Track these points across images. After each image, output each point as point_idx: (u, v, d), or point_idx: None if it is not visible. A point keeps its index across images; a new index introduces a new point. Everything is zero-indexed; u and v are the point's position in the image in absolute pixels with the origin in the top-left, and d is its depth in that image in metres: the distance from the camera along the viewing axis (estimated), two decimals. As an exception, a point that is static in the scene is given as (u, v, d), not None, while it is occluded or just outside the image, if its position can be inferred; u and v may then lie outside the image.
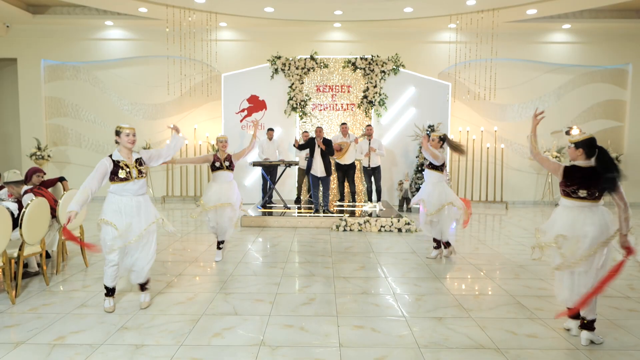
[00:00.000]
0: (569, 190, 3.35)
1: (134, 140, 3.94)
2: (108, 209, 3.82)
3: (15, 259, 4.17)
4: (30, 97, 11.17)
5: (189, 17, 10.04)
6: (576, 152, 3.36)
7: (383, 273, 5.11)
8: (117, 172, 3.82)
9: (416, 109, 10.59)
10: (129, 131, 3.90)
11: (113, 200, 3.83)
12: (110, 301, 3.89)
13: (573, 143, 3.38)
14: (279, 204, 9.25)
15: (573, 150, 3.38)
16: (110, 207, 3.81)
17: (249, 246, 6.47)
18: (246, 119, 10.67)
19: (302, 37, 11.08)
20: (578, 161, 3.37)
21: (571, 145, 3.40)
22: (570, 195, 3.35)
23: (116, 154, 3.90)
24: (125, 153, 3.92)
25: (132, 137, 3.92)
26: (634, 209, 10.70)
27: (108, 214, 3.80)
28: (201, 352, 3.12)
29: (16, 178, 4.86)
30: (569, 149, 3.44)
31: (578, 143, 3.34)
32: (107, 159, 3.85)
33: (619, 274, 3.21)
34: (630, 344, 3.30)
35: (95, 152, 11.34)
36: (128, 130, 3.90)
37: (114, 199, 3.83)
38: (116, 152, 3.91)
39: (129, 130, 3.91)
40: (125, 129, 3.90)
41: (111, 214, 3.79)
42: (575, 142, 3.35)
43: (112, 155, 3.88)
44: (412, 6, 9.58)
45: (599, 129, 11.31)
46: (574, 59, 11.20)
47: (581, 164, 3.35)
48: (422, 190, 5.65)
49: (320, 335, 3.41)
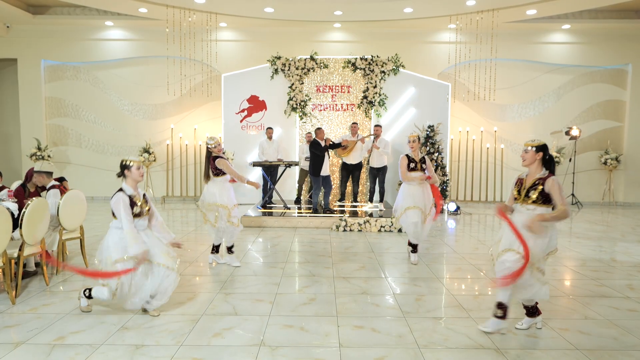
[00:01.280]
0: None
1: (144, 173, 3.85)
2: (118, 247, 3.63)
3: (16, 259, 4.17)
4: (31, 97, 11.17)
5: (189, 17, 10.05)
6: (536, 155, 3.42)
7: (383, 273, 5.11)
8: (132, 207, 3.69)
9: (416, 109, 10.59)
10: (139, 164, 3.78)
11: (122, 237, 3.64)
12: (88, 301, 3.84)
13: (533, 146, 3.43)
14: (279, 204, 9.25)
15: (532, 154, 3.42)
16: (120, 245, 3.63)
17: (249, 246, 6.47)
18: (246, 119, 10.68)
19: (302, 38, 11.09)
20: (534, 168, 3.43)
21: (530, 149, 3.43)
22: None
23: (127, 188, 3.75)
24: (134, 187, 3.80)
25: (142, 170, 3.80)
26: (634, 209, 10.71)
27: (119, 252, 3.61)
28: (201, 352, 3.13)
29: (50, 169, 5.07)
30: (525, 153, 3.46)
31: (539, 146, 3.42)
32: (122, 193, 3.69)
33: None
34: (630, 343, 3.31)
35: (96, 152, 11.34)
36: (138, 164, 3.77)
37: (122, 235, 3.65)
38: (125, 186, 3.76)
39: (139, 163, 3.79)
40: (135, 162, 3.76)
41: (121, 252, 3.61)
42: (537, 146, 3.43)
43: (123, 189, 3.74)
44: (412, 6, 9.59)
45: (598, 129, 11.32)
46: (573, 59, 11.20)
47: (542, 171, 3.42)
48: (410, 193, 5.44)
49: (320, 335, 3.41)
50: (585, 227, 8.25)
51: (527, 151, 3.45)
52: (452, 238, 7.25)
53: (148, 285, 3.68)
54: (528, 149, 3.44)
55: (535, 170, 3.44)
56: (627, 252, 6.28)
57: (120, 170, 3.80)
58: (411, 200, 5.37)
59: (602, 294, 4.43)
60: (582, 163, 11.28)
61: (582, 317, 3.81)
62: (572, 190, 10.99)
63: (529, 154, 3.43)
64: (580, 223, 8.68)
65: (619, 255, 6.11)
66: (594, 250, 6.37)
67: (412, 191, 5.41)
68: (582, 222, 8.75)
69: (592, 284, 4.76)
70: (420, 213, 5.37)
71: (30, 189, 5.23)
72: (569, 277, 5.06)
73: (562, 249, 6.37)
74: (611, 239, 7.23)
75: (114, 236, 3.68)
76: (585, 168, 11.34)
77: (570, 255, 6.08)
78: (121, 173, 3.81)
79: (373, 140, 9.05)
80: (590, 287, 4.65)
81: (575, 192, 11.06)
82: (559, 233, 7.52)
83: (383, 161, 9.05)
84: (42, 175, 5.09)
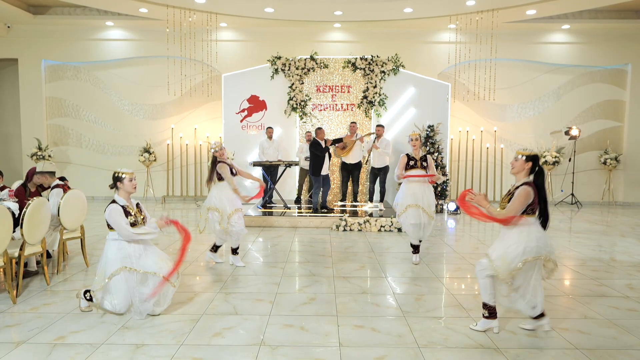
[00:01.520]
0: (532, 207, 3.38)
1: (136, 184, 3.84)
2: (116, 258, 3.62)
3: (16, 258, 4.18)
4: (31, 97, 11.18)
5: (189, 17, 10.05)
6: (525, 164, 3.40)
7: (383, 273, 5.12)
8: (127, 217, 3.69)
9: (416, 109, 10.60)
10: (132, 176, 3.78)
11: (120, 247, 3.65)
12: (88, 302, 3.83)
13: (524, 155, 3.40)
14: (279, 204, 9.26)
15: (522, 163, 3.40)
16: (119, 255, 3.63)
17: (249, 246, 6.48)
18: (246, 119, 10.69)
19: (302, 38, 11.09)
20: (521, 178, 3.42)
21: (520, 157, 3.41)
22: (533, 212, 3.40)
23: (119, 199, 3.75)
24: (127, 198, 3.80)
25: (135, 182, 3.81)
26: (634, 209, 10.71)
27: (117, 263, 3.61)
28: (201, 352, 3.13)
29: (52, 168, 5.14)
30: (515, 160, 3.43)
31: (530, 156, 3.40)
32: (115, 204, 3.69)
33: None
34: (630, 343, 3.31)
35: (96, 152, 11.35)
36: (130, 175, 3.77)
37: (120, 246, 3.65)
38: (118, 198, 3.76)
39: (131, 175, 3.78)
40: (127, 174, 3.76)
41: (121, 262, 3.62)
42: (527, 155, 3.40)
43: (115, 201, 3.73)
44: (411, 6, 9.59)
45: (598, 129, 11.33)
46: (573, 59, 11.21)
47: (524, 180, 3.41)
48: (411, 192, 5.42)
49: (320, 335, 3.42)
50: (584, 226, 8.26)
51: (517, 159, 3.42)
52: (452, 238, 7.26)
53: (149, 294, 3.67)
54: (518, 157, 3.42)
55: (520, 179, 3.42)
56: (627, 251, 6.29)
57: (113, 182, 3.79)
58: (412, 199, 5.37)
59: (601, 293, 4.44)
60: (581, 163, 11.29)
61: (582, 316, 3.82)
62: (571, 190, 11.00)
63: (519, 162, 3.41)
64: (579, 223, 8.69)
65: (618, 254, 6.12)
66: (593, 249, 6.37)
67: (413, 190, 5.41)
68: (582, 222, 8.75)
69: (592, 283, 4.77)
70: (420, 212, 5.35)
71: (31, 188, 5.24)
72: (568, 277, 5.06)
73: (562, 249, 6.38)
74: (611, 238, 7.23)
75: (112, 248, 3.68)
76: (585, 168, 11.35)
77: (570, 255, 6.08)
78: (113, 185, 3.79)
79: (374, 140, 9.05)
80: (589, 286, 4.66)
81: (574, 191, 11.07)
82: (559, 232, 7.53)
83: (385, 161, 9.05)
84: (45, 175, 5.12)
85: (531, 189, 3.31)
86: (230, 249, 5.45)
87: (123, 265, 3.61)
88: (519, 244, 3.29)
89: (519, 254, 3.27)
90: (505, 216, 3.31)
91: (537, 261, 3.32)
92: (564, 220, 8.98)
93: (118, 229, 3.63)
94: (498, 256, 3.34)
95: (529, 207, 3.31)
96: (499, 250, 3.37)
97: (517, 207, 3.28)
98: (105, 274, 3.63)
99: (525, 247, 3.27)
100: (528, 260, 3.27)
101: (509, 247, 3.32)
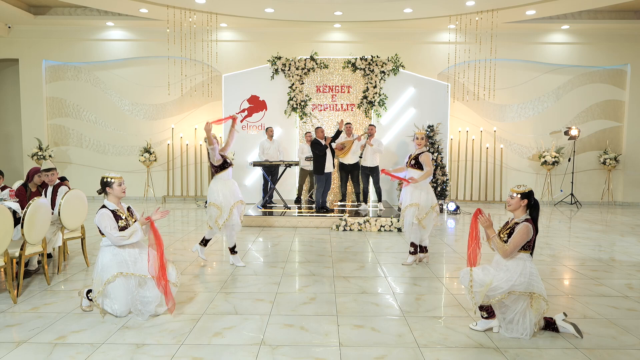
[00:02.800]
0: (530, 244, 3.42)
1: (125, 189, 3.82)
2: (112, 264, 3.60)
3: (17, 258, 4.19)
4: (32, 97, 11.20)
5: (190, 17, 10.06)
6: (521, 202, 3.45)
7: (383, 273, 5.13)
8: (118, 221, 3.67)
9: (416, 109, 10.61)
10: (121, 180, 3.76)
11: (115, 253, 3.64)
12: (90, 302, 3.84)
13: (519, 194, 3.44)
14: (280, 204, 9.27)
15: (518, 201, 3.44)
16: (115, 260, 3.61)
17: (250, 246, 6.49)
18: (246, 119, 10.70)
19: (302, 38, 11.11)
20: (519, 214, 3.47)
21: (515, 196, 3.45)
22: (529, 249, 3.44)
23: (109, 204, 3.74)
24: (117, 203, 3.78)
25: (124, 186, 3.78)
26: (633, 209, 10.73)
27: (113, 268, 3.59)
28: (201, 352, 3.14)
29: (52, 165, 5.25)
30: (511, 199, 3.48)
31: (524, 194, 3.44)
32: (105, 209, 3.67)
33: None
34: (629, 343, 3.32)
35: (96, 152, 11.36)
36: (119, 180, 3.75)
37: (114, 252, 3.64)
38: (108, 202, 3.74)
39: (120, 179, 3.76)
40: (116, 178, 3.74)
41: (117, 268, 3.59)
42: (522, 193, 3.44)
43: (105, 206, 3.72)
44: (411, 7, 9.60)
45: (597, 129, 11.34)
46: (572, 59, 11.22)
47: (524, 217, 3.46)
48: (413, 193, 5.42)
49: (320, 335, 3.43)
50: (584, 226, 8.27)
51: (512, 197, 3.48)
52: (451, 238, 7.27)
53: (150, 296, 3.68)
54: (514, 195, 3.47)
55: (518, 215, 3.49)
56: (626, 251, 6.30)
57: (102, 187, 3.77)
58: (409, 198, 5.39)
59: (601, 293, 4.45)
60: (581, 163, 11.30)
61: (582, 316, 3.83)
62: (571, 190, 11.01)
63: (514, 200, 3.46)
64: (579, 223, 8.70)
65: (618, 254, 6.13)
66: (593, 249, 6.38)
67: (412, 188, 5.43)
68: (581, 222, 8.76)
69: (591, 283, 4.78)
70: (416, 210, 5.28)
71: (32, 188, 5.26)
72: (568, 277, 5.07)
73: (562, 249, 6.39)
74: (610, 238, 7.24)
75: (107, 254, 3.67)
76: (585, 168, 11.36)
77: (569, 254, 6.09)
78: (102, 190, 3.78)
79: (367, 138, 9.03)
80: (589, 286, 4.67)
81: (574, 191, 11.08)
82: (559, 232, 7.54)
83: (375, 161, 8.99)
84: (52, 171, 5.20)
85: (532, 226, 3.39)
86: (228, 249, 5.45)
87: (119, 271, 3.59)
88: (508, 281, 3.32)
89: (504, 290, 3.31)
90: (504, 252, 3.39)
91: (523, 296, 3.34)
92: (564, 220, 8.99)
93: (106, 233, 3.63)
94: (482, 282, 3.35)
95: (527, 243, 3.39)
96: (485, 276, 3.36)
97: (518, 242, 3.36)
98: (101, 280, 3.62)
99: (514, 284, 3.32)
100: (514, 293, 3.32)
101: (498, 280, 3.34)
